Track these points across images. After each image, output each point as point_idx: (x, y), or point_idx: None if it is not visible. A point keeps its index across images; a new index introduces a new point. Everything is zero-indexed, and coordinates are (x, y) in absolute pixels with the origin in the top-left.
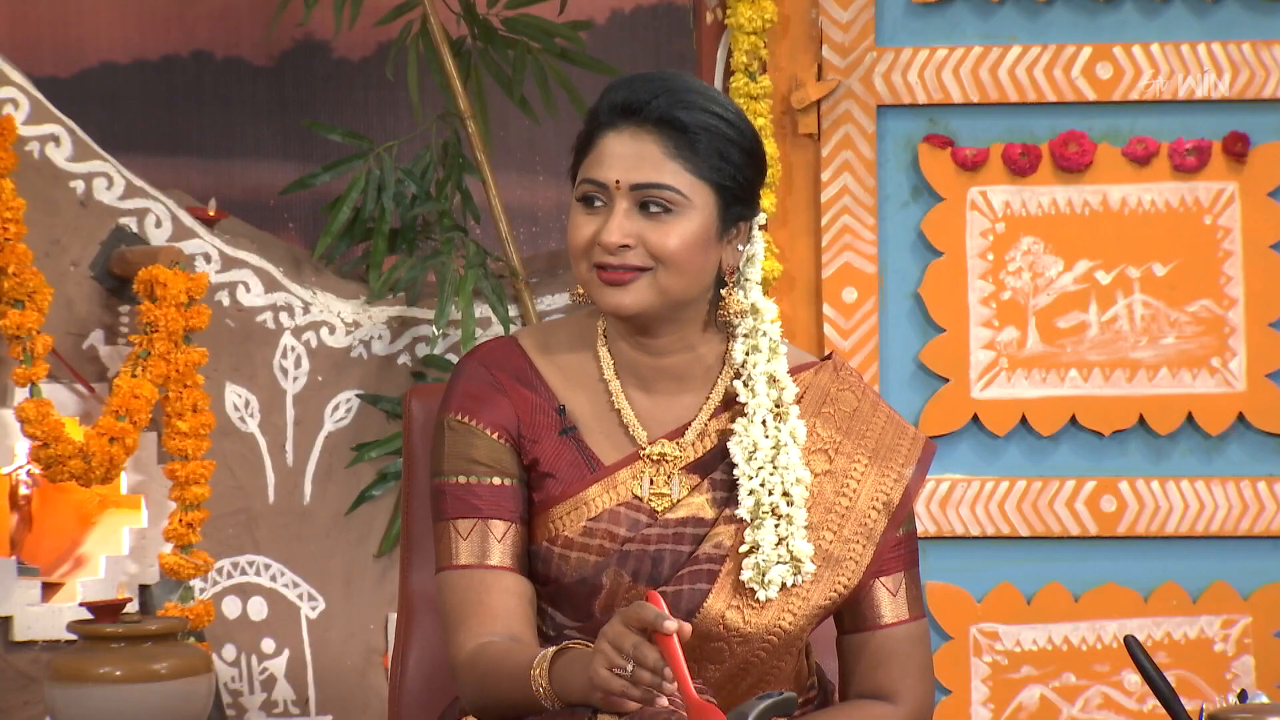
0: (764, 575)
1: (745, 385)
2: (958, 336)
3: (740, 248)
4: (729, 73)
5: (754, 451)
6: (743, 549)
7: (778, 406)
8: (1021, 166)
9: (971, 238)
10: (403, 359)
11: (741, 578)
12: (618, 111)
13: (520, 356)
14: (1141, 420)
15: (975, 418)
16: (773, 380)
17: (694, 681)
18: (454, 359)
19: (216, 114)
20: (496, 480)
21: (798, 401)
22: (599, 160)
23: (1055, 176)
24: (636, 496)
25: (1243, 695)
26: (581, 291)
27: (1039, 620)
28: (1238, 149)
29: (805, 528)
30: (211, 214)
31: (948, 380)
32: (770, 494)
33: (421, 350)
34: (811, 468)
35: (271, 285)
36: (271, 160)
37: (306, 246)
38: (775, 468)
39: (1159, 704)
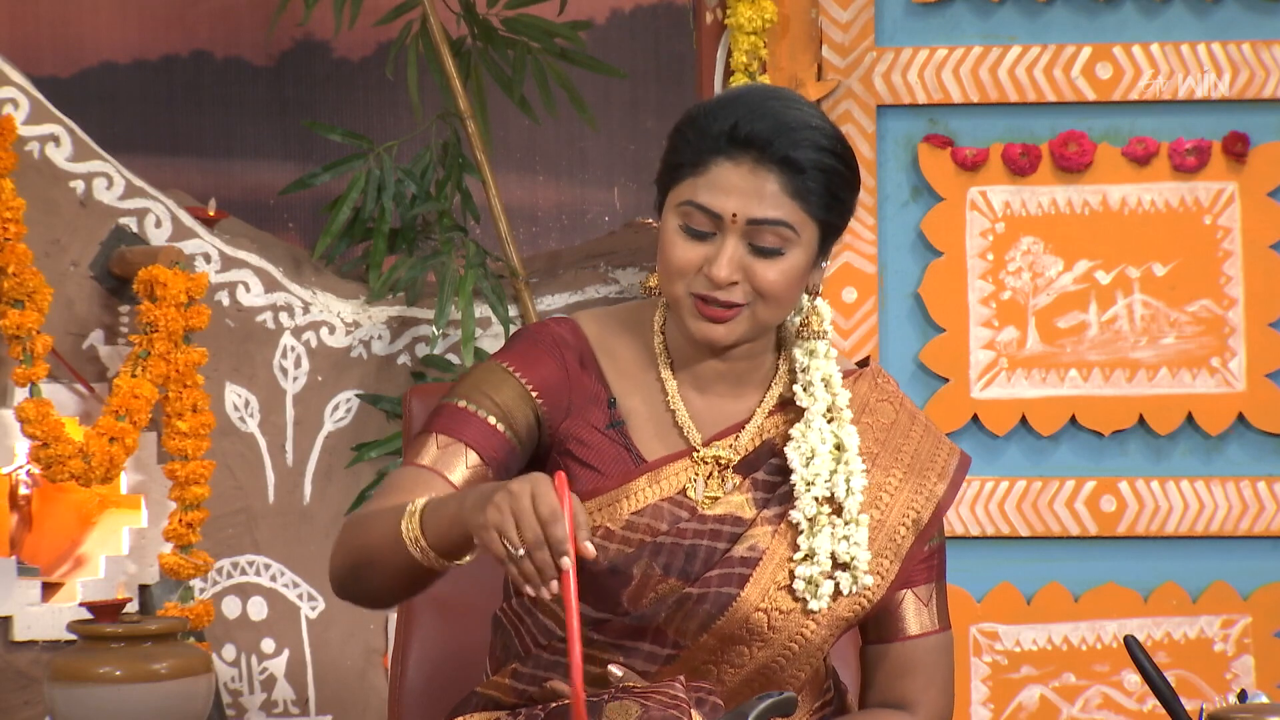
0: (817, 587)
1: (805, 391)
2: (958, 336)
3: (824, 264)
4: (729, 73)
5: (812, 457)
6: (798, 555)
7: (830, 412)
8: (1021, 166)
9: (971, 238)
10: (403, 359)
11: (794, 587)
12: (737, 143)
13: (584, 340)
14: (1141, 420)
15: (975, 418)
16: (827, 384)
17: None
18: (454, 359)
19: (216, 114)
20: (497, 424)
21: (850, 406)
22: (713, 187)
23: (1055, 176)
24: (685, 495)
25: (1243, 695)
26: (653, 285)
27: (1039, 620)
28: (1238, 149)
29: (861, 528)
30: (211, 214)
31: (948, 380)
32: (831, 496)
33: (421, 350)
34: None
35: (271, 285)
36: (271, 160)
37: (306, 246)
38: (835, 469)
39: (1159, 704)
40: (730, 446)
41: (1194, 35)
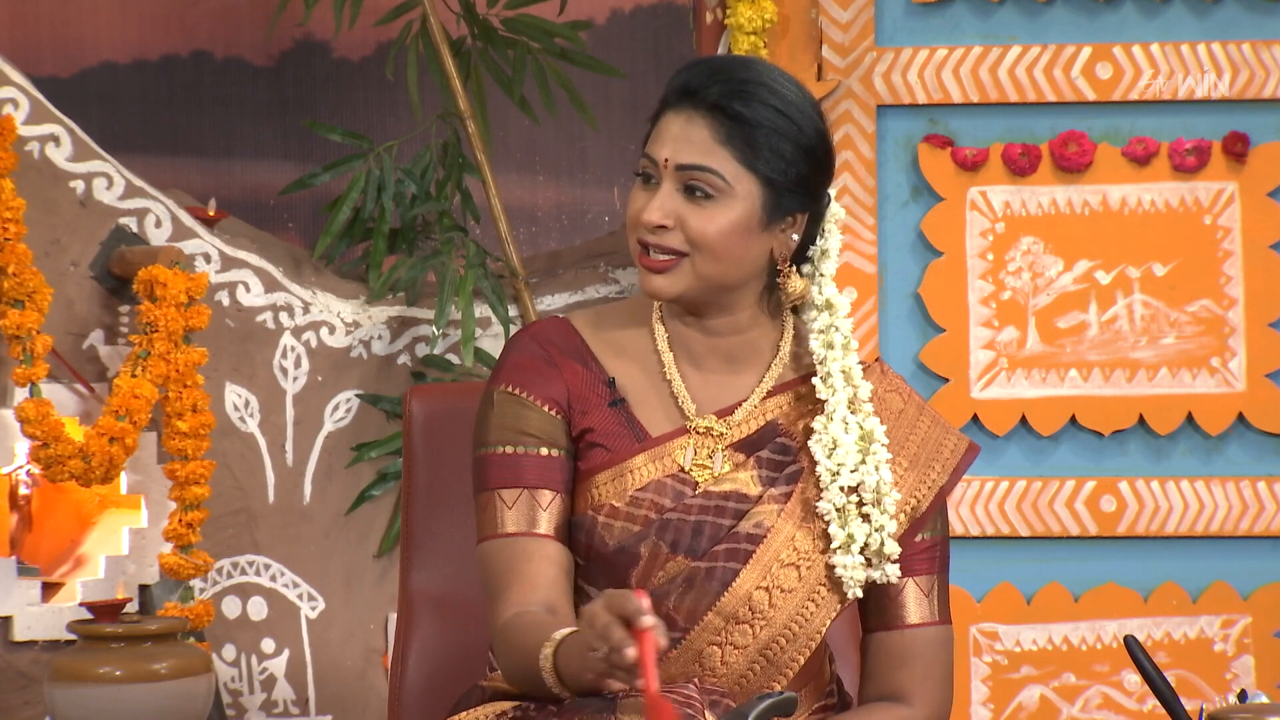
0: (858, 576)
1: (824, 382)
2: (958, 336)
3: (795, 237)
4: None
5: (834, 448)
6: (835, 545)
7: (851, 403)
8: (1021, 166)
9: (971, 238)
10: (402, 359)
11: (836, 573)
12: (679, 92)
13: (572, 333)
14: (1141, 420)
15: (975, 418)
16: (847, 376)
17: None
18: (454, 359)
19: (216, 114)
20: (545, 451)
21: (870, 399)
22: (656, 137)
23: (1055, 176)
24: (681, 468)
25: (1243, 695)
26: None
27: (1039, 620)
28: (1238, 149)
29: (892, 519)
30: (211, 214)
31: (948, 380)
32: (858, 486)
33: (421, 350)
34: None
35: (271, 285)
36: (271, 160)
37: (306, 246)
38: (863, 460)
39: (1159, 704)
40: (725, 422)
41: (1194, 35)
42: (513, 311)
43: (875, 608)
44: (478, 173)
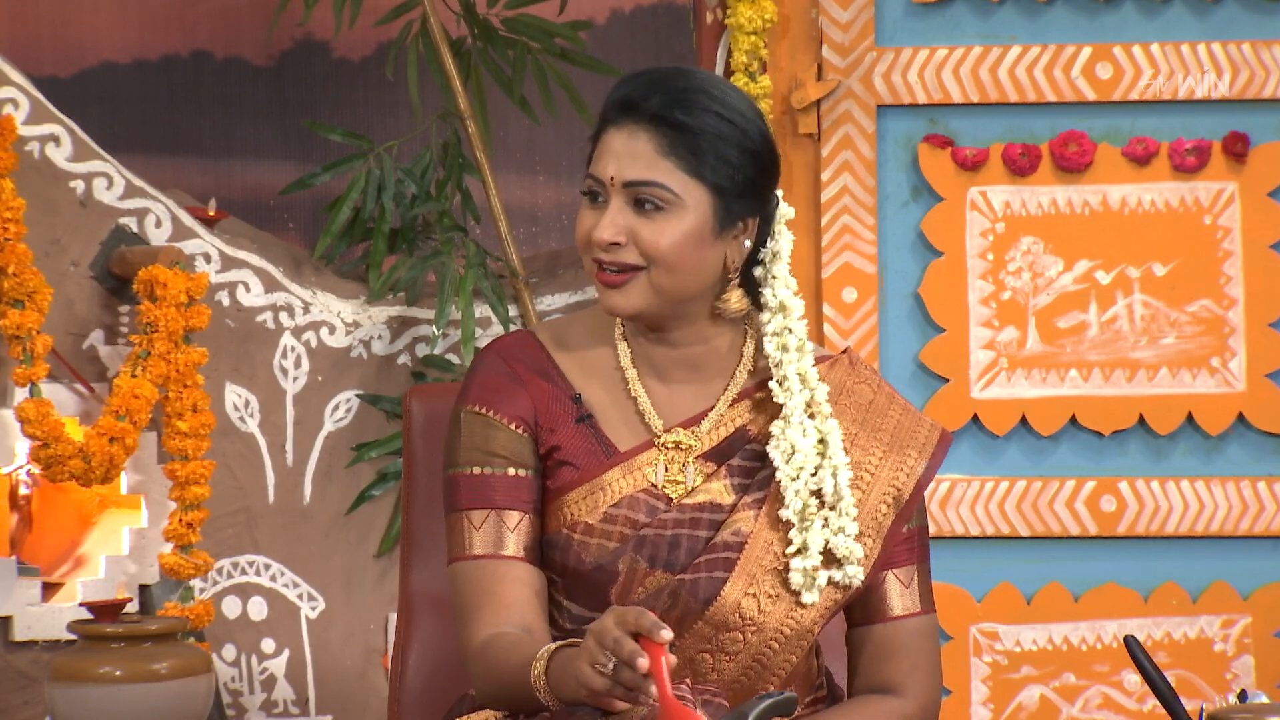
0: (813, 580)
1: (781, 386)
2: (958, 336)
3: (746, 243)
4: (729, 73)
5: (793, 454)
6: (790, 550)
7: (809, 406)
8: (1021, 166)
9: (971, 238)
10: (403, 359)
11: (789, 579)
12: (619, 107)
13: (537, 349)
14: (1141, 420)
15: (975, 418)
16: (803, 379)
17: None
18: (454, 359)
19: (216, 114)
20: (513, 471)
21: (827, 388)
22: (600, 155)
23: (1055, 176)
24: (653, 484)
25: (1243, 695)
26: None
27: (1039, 620)
28: (1238, 149)
29: (854, 520)
30: (211, 214)
31: (948, 380)
32: (818, 492)
33: (421, 350)
34: None
35: (271, 285)
36: (271, 160)
37: (306, 246)
38: (821, 463)
39: (1159, 704)
40: (692, 433)
41: (1194, 35)
42: (513, 311)
43: (858, 602)
44: (478, 173)
